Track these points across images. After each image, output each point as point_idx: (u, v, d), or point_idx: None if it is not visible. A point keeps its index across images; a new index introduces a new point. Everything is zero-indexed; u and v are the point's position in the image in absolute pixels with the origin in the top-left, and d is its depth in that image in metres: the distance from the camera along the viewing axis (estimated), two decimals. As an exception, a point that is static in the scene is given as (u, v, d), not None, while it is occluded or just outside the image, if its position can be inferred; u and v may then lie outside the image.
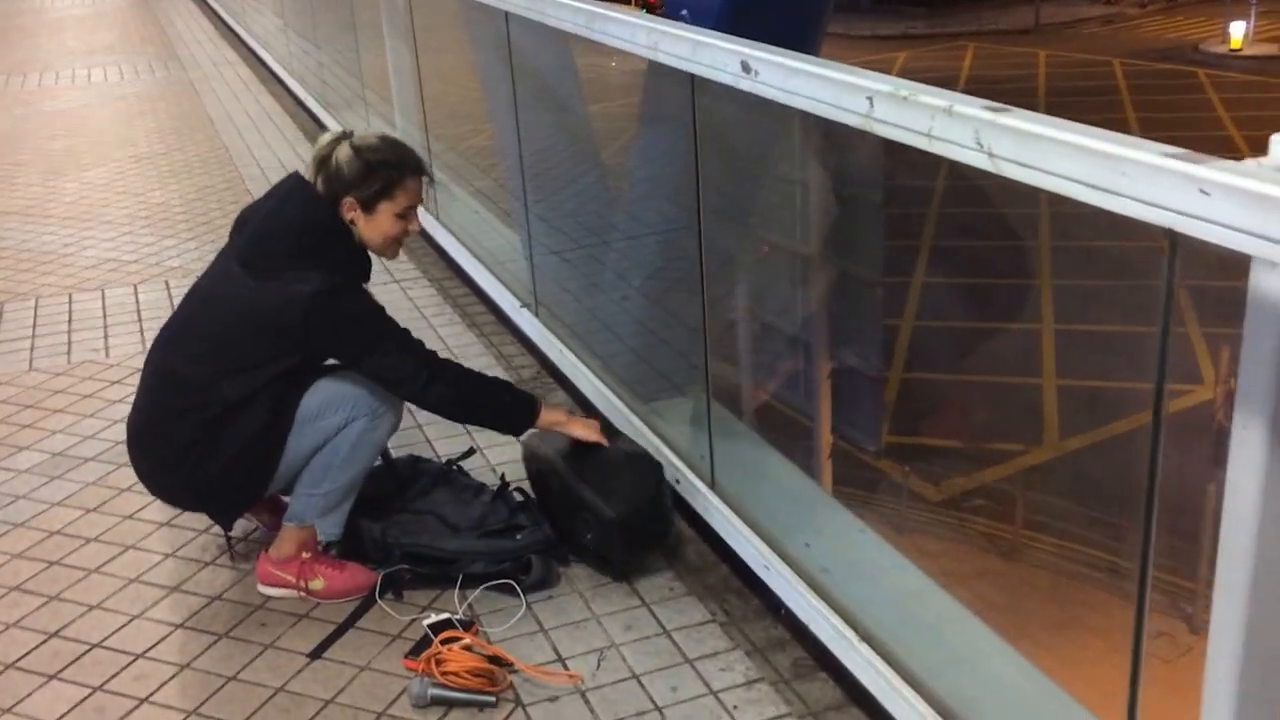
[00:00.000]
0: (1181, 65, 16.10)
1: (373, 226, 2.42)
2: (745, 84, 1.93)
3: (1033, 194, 1.40)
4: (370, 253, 2.48)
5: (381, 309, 2.45)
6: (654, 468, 2.55)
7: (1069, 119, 1.39)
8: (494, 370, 3.57)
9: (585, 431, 2.56)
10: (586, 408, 3.25)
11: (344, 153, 2.38)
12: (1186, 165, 1.19)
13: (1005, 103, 1.49)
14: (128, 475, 2.99)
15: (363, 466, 2.44)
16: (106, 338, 3.90)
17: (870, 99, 1.64)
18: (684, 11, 3.17)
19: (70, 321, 4.07)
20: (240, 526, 2.71)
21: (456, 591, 2.46)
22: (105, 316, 4.09)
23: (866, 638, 2.04)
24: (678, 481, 2.64)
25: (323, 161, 2.39)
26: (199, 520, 2.77)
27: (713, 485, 2.54)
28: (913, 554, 2.52)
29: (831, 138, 2.84)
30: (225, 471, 2.36)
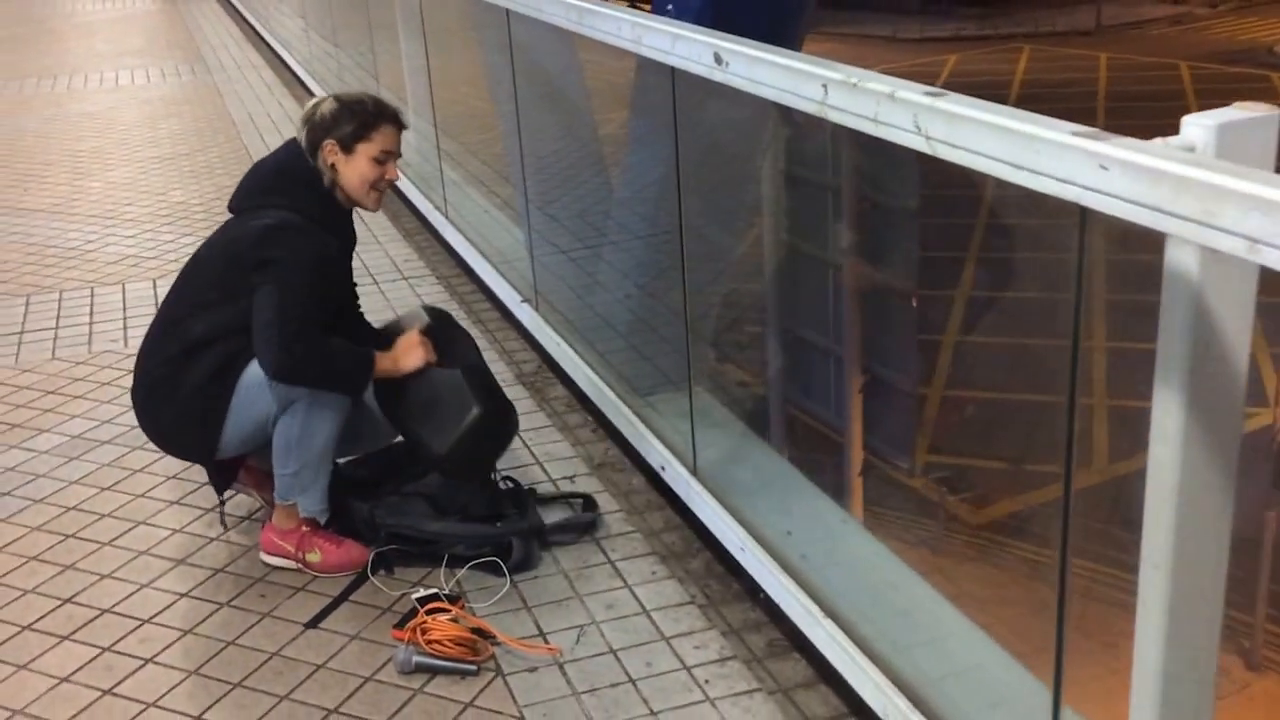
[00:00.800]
0: (1254, 69, 15.75)
1: (351, 169, 2.59)
2: (718, 75, 2.08)
3: (1057, 206, 1.52)
4: (352, 205, 2.66)
5: (315, 261, 2.52)
6: (468, 391, 2.60)
7: (1130, 125, 1.49)
8: (495, 365, 3.73)
9: (411, 360, 2.61)
10: (583, 401, 3.41)
11: (327, 104, 2.63)
12: (1090, 143, 1.30)
13: (1063, 109, 1.60)
14: (141, 457, 3.19)
15: (321, 443, 2.56)
16: (126, 329, 4.09)
17: (825, 86, 1.79)
18: (669, 7, 3.33)
19: (92, 314, 4.27)
20: (246, 505, 2.89)
21: (443, 570, 2.61)
22: (125, 310, 4.28)
23: (833, 615, 2.18)
24: (663, 469, 2.79)
25: (308, 116, 2.62)
26: (206, 498, 2.95)
27: (694, 472, 2.69)
28: (942, 579, 2.59)
29: (861, 142, 2.93)
30: (177, 419, 2.58)
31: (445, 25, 5.15)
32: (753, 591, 2.53)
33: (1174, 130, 1.38)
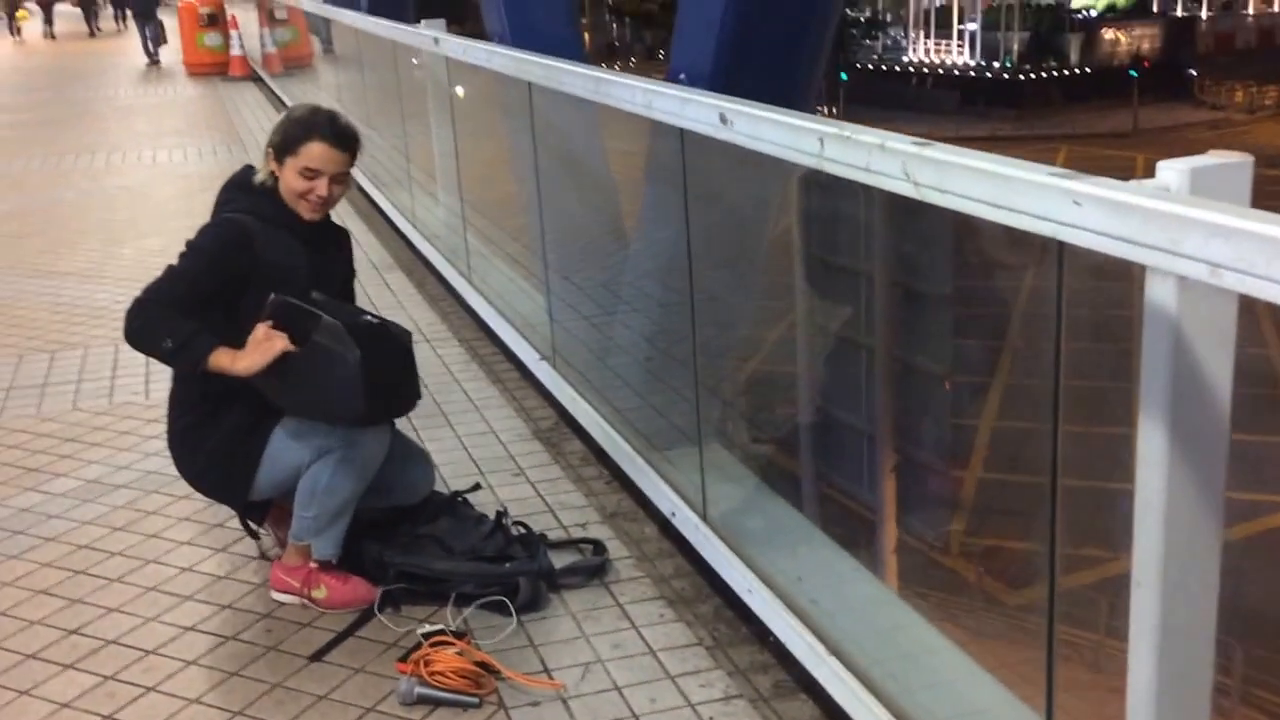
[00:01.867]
0: (1292, 172, 15.84)
1: (284, 180, 2.68)
2: (724, 134, 2.20)
3: (1121, 296, 1.58)
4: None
5: (208, 254, 2.59)
6: (334, 349, 2.51)
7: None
8: (512, 420, 3.80)
9: (252, 360, 2.50)
10: (599, 457, 3.46)
11: (283, 113, 2.77)
12: (1064, 181, 1.40)
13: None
14: (155, 500, 3.27)
15: (347, 493, 2.64)
16: (148, 383, 4.20)
17: (821, 140, 1.89)
18: (681, 76, 3.48)
19: (115, 368, 4.39)
20: (256, 547, 2.95)
21: (450, 609, 2.64)
22: (148, 364, 4.39)
23: (838, 654, 2.19)
24: (673, 515, 2.82)
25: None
26: (218, 539, 3.01)
27: (704, 517, 2.72)
28: (983, 657, 2.57)
29: (894, 225, 2.99)
30: (210, 465, 2.65)
31: (473, 113, 5.36)
32: (761, 635, 2.54)
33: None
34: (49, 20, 27.02)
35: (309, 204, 2.69)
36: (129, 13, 19.79)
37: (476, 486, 3.17)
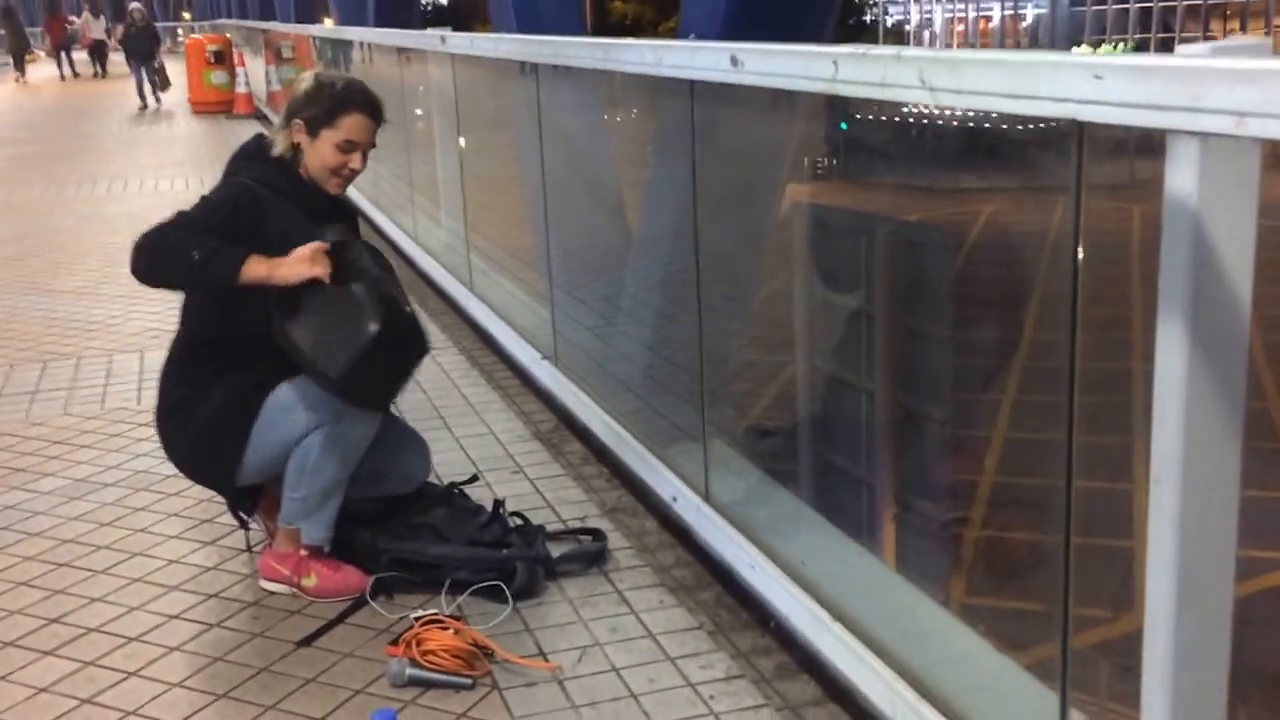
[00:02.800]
0: (1286, 224, 16.02)
1: (314, 152, 2.61)
2: (734, 77, 2.18)
3: (1124, 346, 1.57)
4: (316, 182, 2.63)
5: (219, 209, 2.51)
6: (367, 307, 2.45)
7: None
8: (512, 423, 3.77)
9: (293, 270, 2.45)
10: (599, 456, 3.42)
11: (306, 83, 2.65)
12: (1083, 58, 1.39)
13: (1099, 256, 1.70)
14: (143, 498, 3.24)
15: (335, 473, 2.59)
16: (140, 390, 4.18)
17: (835, 62, 1.87)
18: (691, 36, 3.50)
19: (108, 377, 4.38)
20: (255, 537, 2.91)
21: (444, 596, 2.60)
22: (141, 373, 4.39)
23: (842, 619, 2.14)
24: (675, 500, 2.78)
25: (290, 93, 2.67)
26: (206, 533, 2.98)
27: (706, 497, 2.68)
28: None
29: (896, 261, 2.98)
30: (197, 442, 2.61)
31: (477, 147, 5.41)
32: (763, 620, 2.49)
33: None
34: (70, 63, 27.31)
35: (340, 179, 2.66)
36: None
37: (474, 478, 3.13)
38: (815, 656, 2.28)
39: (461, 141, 5.28)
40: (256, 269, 2.43)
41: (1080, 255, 1.57)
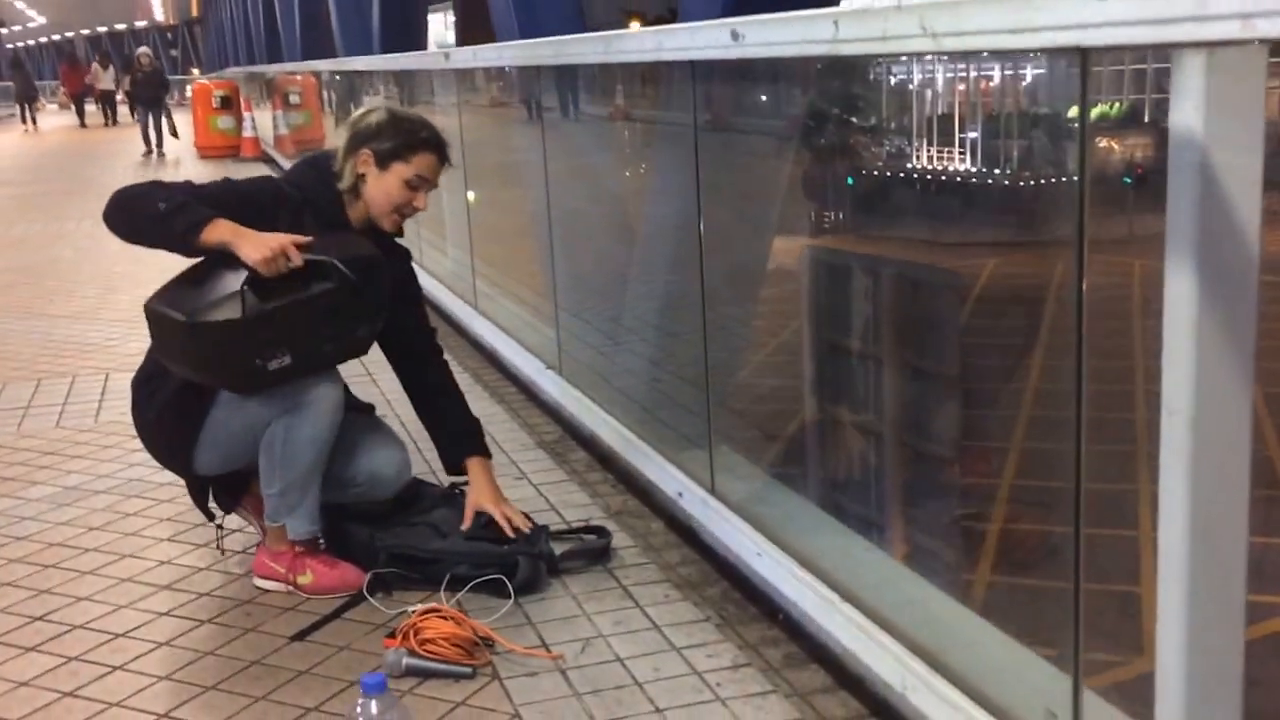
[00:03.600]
0: (1282, 278, 16.02)
1: (379, 185, 2.57)
2: (735, 51, 2.17)
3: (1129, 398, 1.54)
4: (366, 223, 2.60)
5: (236, 197, 2.45)
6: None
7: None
8: (516, 433, 3.72)
9: (263, 248, 2.31)
10: (604, 463, 3.37)
11: (378, 115, 2.62)
12: None
13: (1102, 311, 1.67)
14: (136, 504, 3.19)
15: (305, 462, 2.52)
16: (135, 405, 4.14)
17: (835, 22, 1.85)
18: None
19: (104, 394, 4.34)
20: (243, 540, 2.85)
21: (444, 592, 2.53)
22: (137, 390, 4.35)
23: (853, 600, 2.08)
24: (680, 495, 2.73)
25: (356, 121, 2.62)
26: (201, 536, 2.92)
27: (712, 490, 2.63)
28: None
29: (903, 301, 2.95)
30: (158, 419, 2.57)
31: (485, 193, 5.44)
32: (771, 613, 2.43)
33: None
34: (80, 112, 27.68)
35: (399, 216, 2.62)
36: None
37: (475, 479, 3.07)
38: (825, 646, 2.21)
39: (470, 195, 5.33)
40: (221, 232, 2.32)
41: (1086, 203, 1.53)
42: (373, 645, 2.34)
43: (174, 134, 17.85)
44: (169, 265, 2.54)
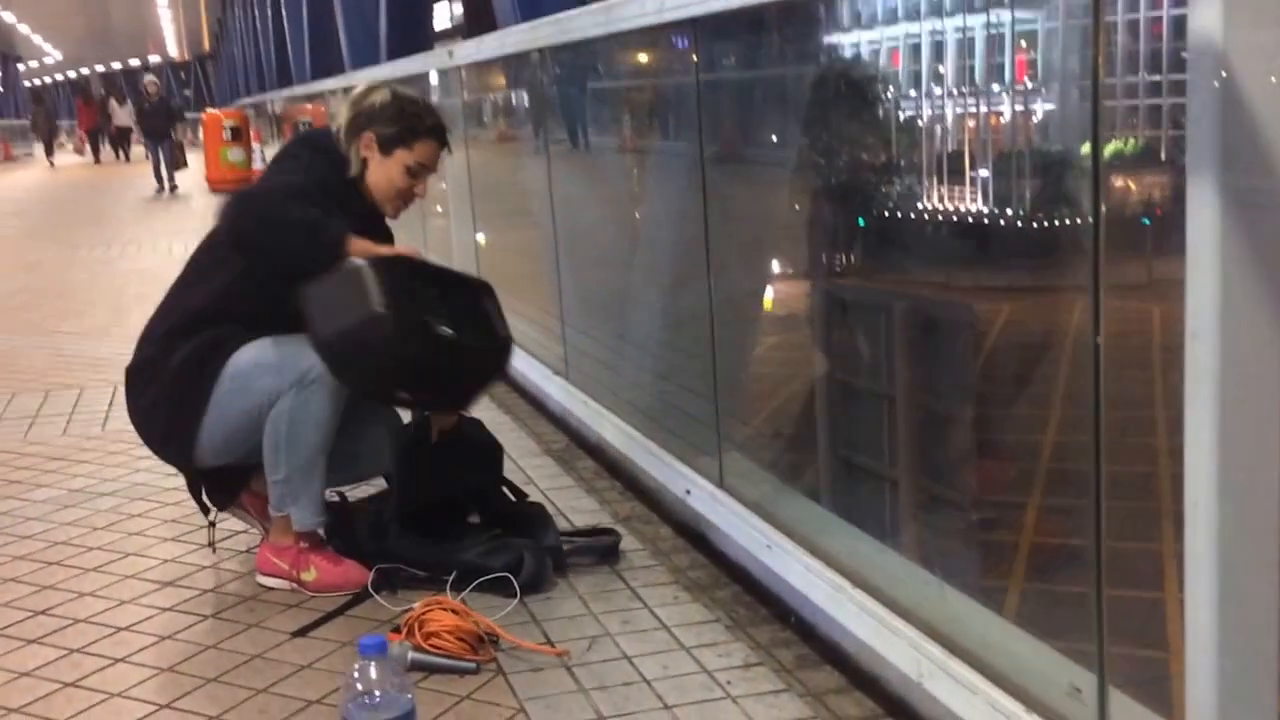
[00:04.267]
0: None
1: (382, 170, 2.56)
2: (737, 1, 2.15)
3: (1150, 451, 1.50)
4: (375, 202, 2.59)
5: (299, 186, 2.45)
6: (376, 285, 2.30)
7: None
8: (523, 441, 3.69)
9: (399, 249, 2.45)
10: (612, 471, 3.34)
11: (382, 95, 2.59)
12: None
13: (1120, 358, 1.64)
14: (141, 505, 3.17)
15: (311, 446, 2.47)
16: (143, 415, 4.13)
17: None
18: None
19: (112, 404, 4.32)
20: (246, 541, 2.82)
21: (449, 590, 2.50)
22: (145, 402, 4.34)
23: (865, 587, 2.04)
24: (688, 492, 2.69)
25: (357, 100, 2.59)
26: (204, 536, 2.89)
27: (720, 484, 2.59)
28: None
29: (915, 337, 2.92)
30: (154, 406, 2.52)
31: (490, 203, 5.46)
32: (783, 616, 2.39)
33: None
34: (96, 149, 27.91)
35: (402, 202, 2.62)
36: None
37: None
38: (838, 647, 2.17)
39: (476, 229, 5.34)
40: (362, 247, 2.35)
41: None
42: (377, 641, 2.30)
43: (182, 164, 17.13)
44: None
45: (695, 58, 2.57)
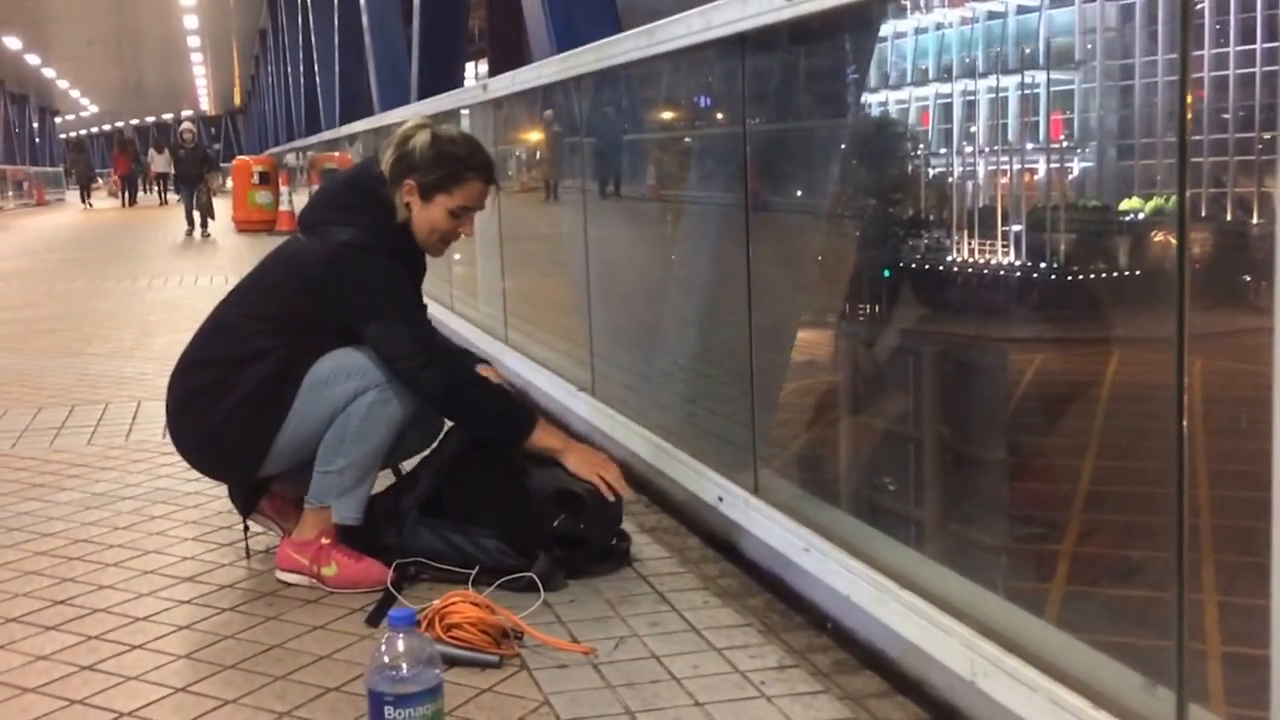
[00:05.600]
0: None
1: (424, 215, 2.56)
2: (788, 12, 2.12)
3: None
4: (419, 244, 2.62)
5: (396, 282, 2.53)
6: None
7: (1218, 427, 1.45)
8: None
9: (581, 465, 2.52)
10: (639, 487, 3.27)
11: (422, 138, 2.55)
12: None
13: (1152, 411, 1.61)
14: (163, 508, 3.14)
15: (377, 443, 2.49)
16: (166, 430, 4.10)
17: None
18: None
19: (135, 418, 4.30)
20: (266, 542, 2.78)
21: (470, 587, 2.44)
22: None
23: (913, 587, 1.96)
24: (720, 499, 2.63)
25: (404, 140, 2.56)
26: (225, 536, 2.85)
27: (756, 490, 2.53)
28: None
29: (944, 379, 2.88)
30: (228, 421, 2.48)
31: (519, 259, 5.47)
32: (819, 622, 2.31)
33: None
34: (130, 190, 28.51)
35: (444, 244, 2.62)
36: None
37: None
38: (879, 653, 2.09)
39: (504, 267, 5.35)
40: (549, 439, 2.55)
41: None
42: (399, 636, 2.25)
43: (210, 215, 16.55)
44: (202, 316, 2.69)
45: (742, 77, 2.52)
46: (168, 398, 2.64)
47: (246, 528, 2.73)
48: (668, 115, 4.05)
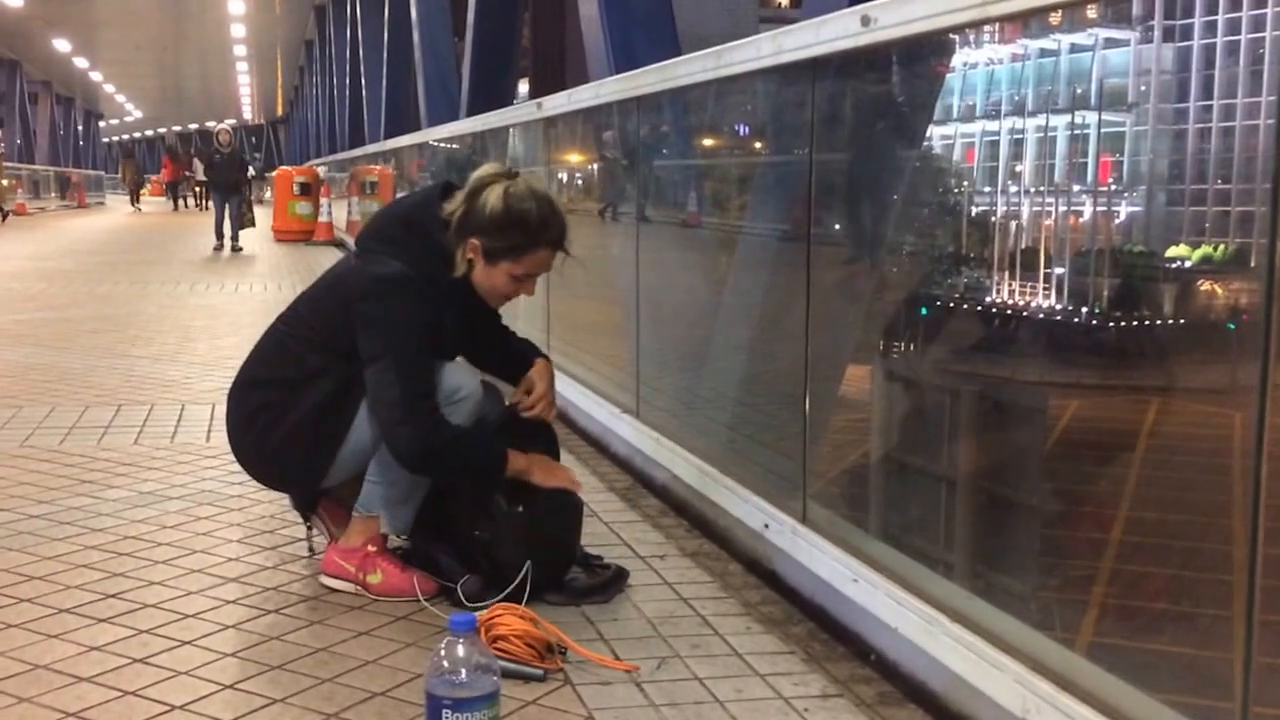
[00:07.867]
0: None
1: (486, 275, 2.53)
2: (865, 38, 2.15)
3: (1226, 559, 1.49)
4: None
5: (414, 328, 2.46)
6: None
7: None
8: (587, 479, 3.67)
9: (546, 476, 2.57)
10: (679, 510, 3.30)
11: (495, 194, 2.48)
12: None
13: (1195, 463, 1.62)
14: (209, 509, 3.19)
15: None
16: (210, 432, 4.18)
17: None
18: None
19: (180, 420, 4.38)
20: (318, 544, 2.83)
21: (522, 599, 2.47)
22: (212, 420, 4.38)
23: (963, 621, 1.98)
24: (766, 526, 2.66)
25: (475, 193, 2.52)
26: (271, 540, 2.91)
27: (804, 519, 2.56)
28: None
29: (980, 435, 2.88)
30: (291, 438, 2.52)
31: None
32: (863, 654, 2.33)
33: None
34: (177, 196, 29.29)
35: (504, 301, 2.63)
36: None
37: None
38: (923, 685, 2.10)
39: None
40: (516, 464, 2.53)
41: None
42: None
43: (251, 223, 15.96)
44: (245, 322, 2.74)
45: (811, 104, 2.54)
46: (228, 415, 2.67)
47: (310, 526, 2.78)
48: (721, 141, 4.09)
